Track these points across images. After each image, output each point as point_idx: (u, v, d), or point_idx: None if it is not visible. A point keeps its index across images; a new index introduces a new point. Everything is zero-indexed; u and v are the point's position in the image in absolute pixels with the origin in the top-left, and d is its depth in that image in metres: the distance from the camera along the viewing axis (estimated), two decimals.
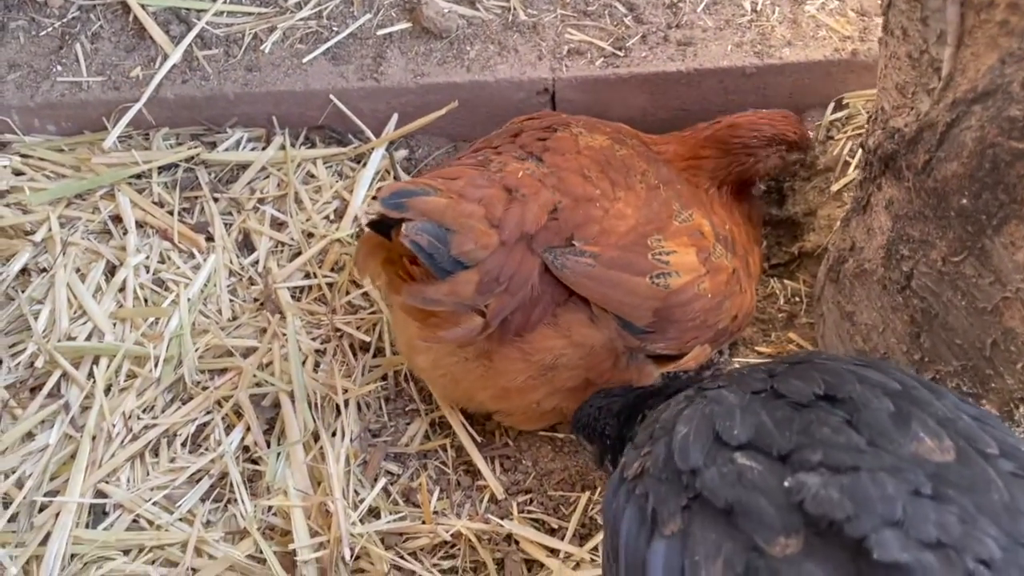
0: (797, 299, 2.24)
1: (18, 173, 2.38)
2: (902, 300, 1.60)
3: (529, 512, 1.86)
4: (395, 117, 2.36)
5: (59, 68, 2.40)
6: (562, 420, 1.88)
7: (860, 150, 1.81)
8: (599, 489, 1.88)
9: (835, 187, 2.30)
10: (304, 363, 2.02)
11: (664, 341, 1.80)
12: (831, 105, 2.35)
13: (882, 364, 1.15)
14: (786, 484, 0.94)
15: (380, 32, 2.39)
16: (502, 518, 1.83)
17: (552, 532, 1.82)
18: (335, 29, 2.41)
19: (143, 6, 2.47)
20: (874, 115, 1.56)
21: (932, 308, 1.51)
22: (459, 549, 1.80)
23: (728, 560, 0.91)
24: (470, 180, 1.63)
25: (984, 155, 1.22)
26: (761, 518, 0.92)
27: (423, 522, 1.81)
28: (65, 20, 2.49)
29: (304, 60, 2.35)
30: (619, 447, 1.49)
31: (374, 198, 1.53)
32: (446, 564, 1.79)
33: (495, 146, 1.86)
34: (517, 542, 1.80)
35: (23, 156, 2.40)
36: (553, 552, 1.78)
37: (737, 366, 2.11)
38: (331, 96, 2.32)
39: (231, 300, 2.15)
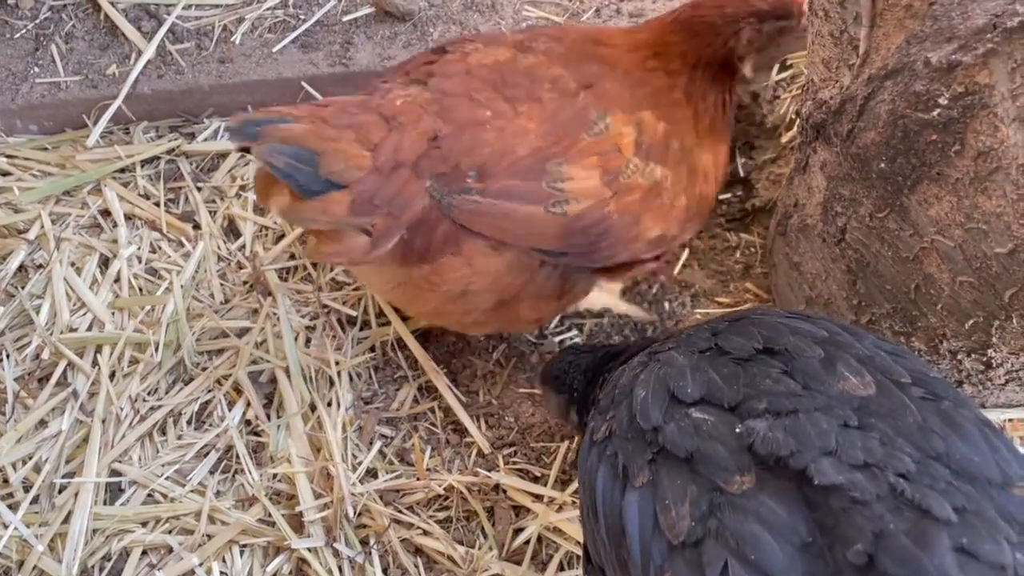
0: (752, 250, 2.40)
1: (5, 174, 2.47)
2: (839, 251, 1.76)
3: (514, 463, 2.02)
4: None
5: (36, 70, 2.48)
6: (507, 327, 1.97)
7: (796, 116, 1.96)
8: (576, 440, 2.05)
9: (784, 139, 2.46)
10: (296, 339, 2.16)
11: (585, 260, 1.80)
12: (775, 66, 2.49)
13: (812, 315, 1.32)
14: (737, 430, 1.10)
15: (346, 18, 2.49)
16: (489, 470, 2.00)
17: (536, 480, 2.00)
18: (302, 17, 2.51)
19: (113, 3, 2.54)
20: (806, 86, 1.71)
21: (864, 258, 1.68)
22: (452, 501, 1.97)
23: (694, 500, 1.06)
24: (341, 107, 1.63)
25: (896, 125, 1.37)
26: (718, 462, 1.07)
27: (417, 478, 1.98)
28: (38, 22, 2.56)
29: (274, 49, 2.45)
30: (584, 401, 1.65)
31: (226, 129, 1.59)
32: (441, 515, 1.96)
33: (384, 79, 1.83)
34: (504, 491, 1.97)
35: (8, 157, 2.49)
36: (538, 498, 1.95)
37: (698, 317, 2.28)
38: (303, 83, 2.42)
39: (222, 284, 2.28)
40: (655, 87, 1.85)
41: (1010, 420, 1.89)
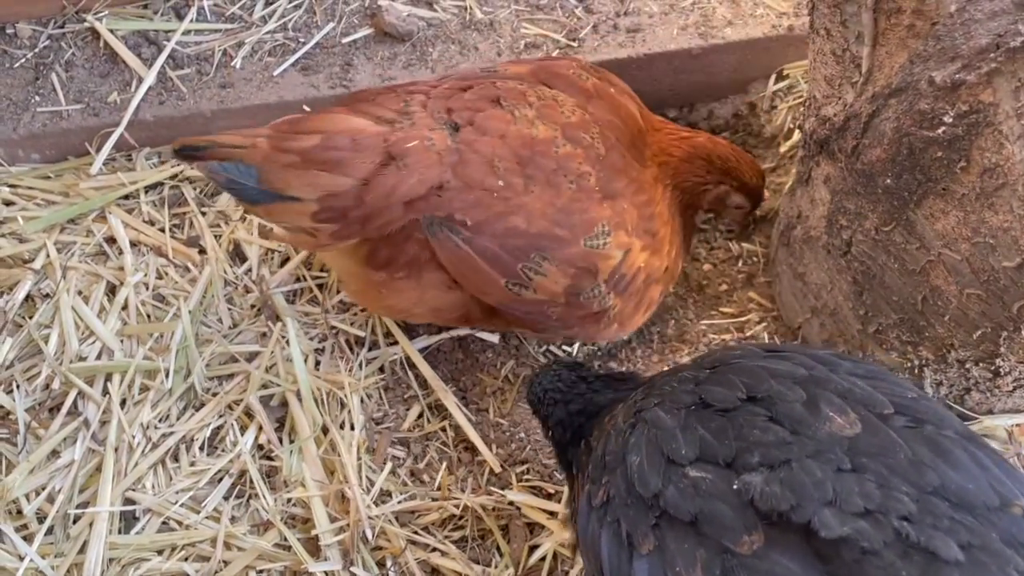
0: (754, 259, 2.43)
1: (8, 203, 2.48)
2: (845, 263, 1.79)
3: (527, 480, 2.04)
4: None
5: (37, 99, 2.49)
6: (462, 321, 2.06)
7: (799, 130, 1.98)
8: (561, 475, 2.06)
9: (783, 148, 2.49)
10: (306, 362, 2.17)
11: (514, 322, 1.97)
12: (772, 76, 2.52)
13: (787, 351, 1.33)
14: (735, 487, 1.10)
15: (345, 40, 2.51)
16: (503, 488, 2.01)
17: (549, 497, 2.01)
18: (301, 40, 2.52)
19: (112, 31, 2.55)
20: (808, 102, 1.73)
21: (871, 270, 1.70)
22: (466, 520, 1.98)
23: (705, 565, 1.06)
24: (345, 136, 1.72)
25: (901, 142, 1.40)
26: (724, 522, 1.07)
27: (432, 499, 1.99)
28: (37, 50, 2.57)
29: (275, 73, 2.46)
30: (564, 451, 1.65)
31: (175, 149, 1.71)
32: (456, 535, 1.97)
33: (429, 90, 1.88)
34: (519, 509, 1.98)
35: (11, 186, 2.49)
36: (552, 515, 1.96)
37: (703, 328, 2.29)
38: (304, 106, 2.44)
39: (229, 308, 2.29)
40: (654, 212, 1.95)
41: (1017, 425, 1.91)
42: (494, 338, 2.26)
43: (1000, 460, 1.12)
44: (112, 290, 2.33)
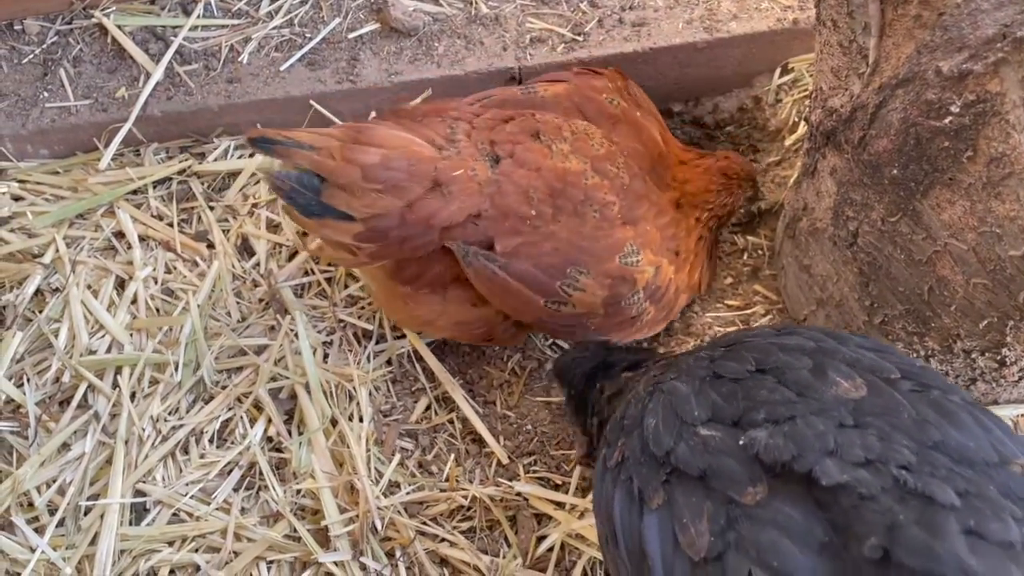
0: (759, 252, 2.43)
1: (17, 198, 2.49)
2: (851, 254, 1.79)
3: (534, 472, 2.05)
4: (372, 115, 2.50)
5: (46, 95, 2.50)
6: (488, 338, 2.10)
7: (804, 122, 1.99)
8: (575, 447, 2.08)
9: (788, 142, 2.49)
10: (314, 355, 2.18)
11: (546, 331, 2.11)
12: (777, 70, 2.53)
13: (798, 328, 1.37)
14: (741, 443, 1.13)
15: (351, 35, 2.52)
16: (510, 479, 2.02)
17: (556, 488, 2.02)
18: (308, 35, 2.53)
19: (119, 27, 2.56)
20: (814, 94, 1.74)
21: (877, 261, 1.71)
22: (475, 511, 2.00)
23: (711, 516, 1.09)
24: (399, 155, 1.75)
25: (908, 133, 1.40)
26: (731, 476, 1.11)
27: (441, 490, 2.00)
28: (45, 46, 2.58)
29: (282, 68, 2.47)
30: (583, 401, 1.74)
31: (250, 139, 1.73)
32: (464, 526, 1.99)
33: (473, 118, 1.95)
34: (526, 499, 2.00)
35: (20, 182, 2.51)
36: (559, 505, 1.98)
37: (708, 320, 2.30)
38: (311, 101, 2.45)
39: (238, 302, 2.30)
40: (677, 232, 2.08)
41: (1023, 415, 1.92)
42: None
43: (1004, 425, 1.15)
44: (121, 284, 2.34)
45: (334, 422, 2.08)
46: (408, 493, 2.00)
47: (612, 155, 1.98)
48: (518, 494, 2.00)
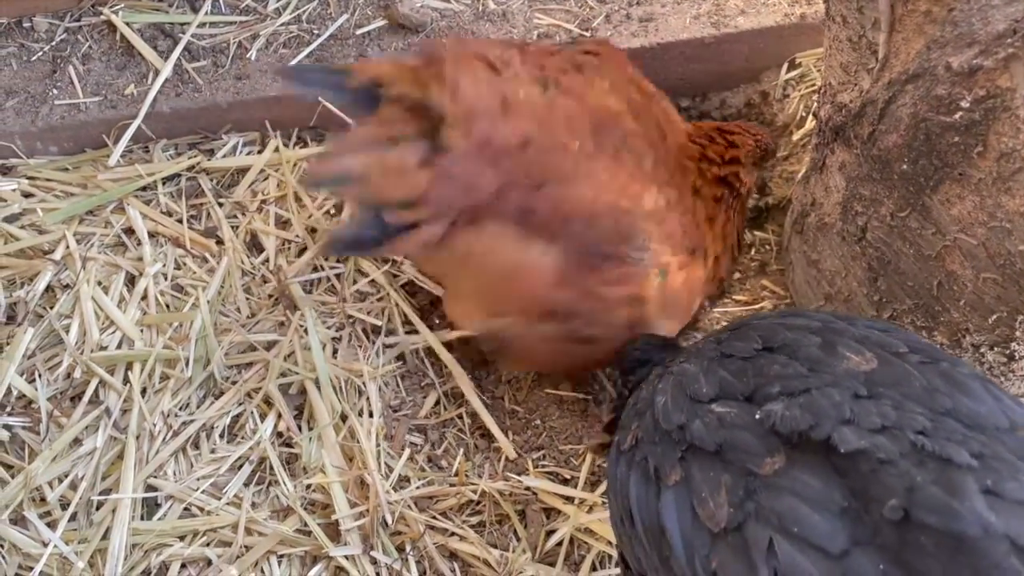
0: (767, 248, 2.44)
1: (27, 195, 2.50)
2: (859, 249, 1.80)
3: (543, 466, 2.06)
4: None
5: (55, 92, 2.51)
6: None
7: (813, 117, 1.99)
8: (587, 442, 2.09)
9: (795, 137, 2.49)
10: (323, 351, 2.19)
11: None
12: (785, 65, 2.53)
13: (803, 311, 1.38)
14: (757, 417, 1.15)
15: (359, 31, 2.53)
16: (519, 474, 2.03)
17: (565, 482, 2.03)
18: (315, 32, 2.54)
19: (128, 24, 2.57)
20: (823, 89, 1.74)
21: (885, 256, 1.71)
22: (484, 506, 2.01)
23: (730, 488, 1.11)
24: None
25: (918, 128, 1.41)
26: (748, 448, 1.12)
27: (450, 485, 2.01)
28: (54, 44, 2.59)
29: (290, 64, 2.48)
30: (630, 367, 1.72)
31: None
32: (474, 520, 2.00)
33: (525, 47, 1.91)
34: (535, 494, 2.01)
35: (30, 178, 2.52)
36: (568, 500, 1.99)
37: (716, 315, 2.31)
38: (319, 97, 2.45)
39: (247, 298, 2.31)
40: (698, 221, 2.02)
41: None
42: None
43: (1012, 395, 1.17)
44: (131, 280, 2.35)
45: (344, 417, 2.09)
46: (418, 488, 2.01)
47: (644, 110, 1.94)
48: (527, 488, 2.01)
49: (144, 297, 2.31)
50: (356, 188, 1.68)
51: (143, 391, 2.17)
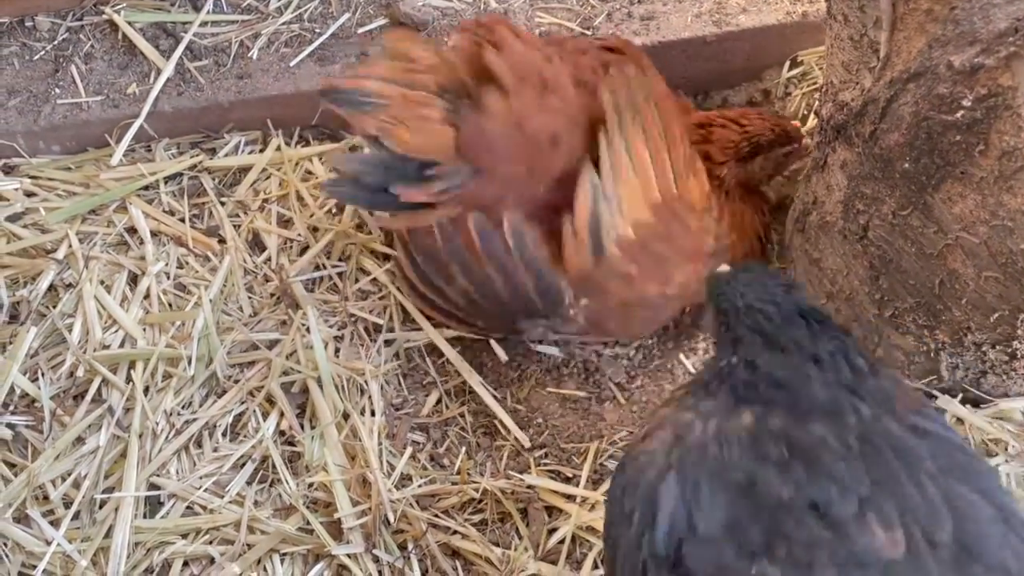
0: (769, 246, 2.44)
1: (30, 194, 2.50)
2: (861, 248, 1.80)
3: (545, 464, 2.06)
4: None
5: (57, 91, 2.51)
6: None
7: (814, 115, 1.99)
8: (606, 438, 2.10)
9: None
10: (325, 349, 2.19)
11: None
12: (787, 64, 2.53)
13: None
14: (753, 572, 1.03)
15: (361, 30, 2.53)
16: (521, 472, 2.04)
17: (567, 480, 2.03)
18: (317, 31, 2.55)
19: (130, 23, 2.58)
20: (825, 88, 1.74)
21: (887, 254, 1.71)
22: (486, 504, 2.01)
23: None
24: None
25: (920, 127, 1.41)
26: None
27: (452, 483, 2.02)
28: (56, 43, 2.60)
29: (292, 64, 2.49)
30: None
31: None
32: (476, 518, 2.00)
33: (562, 44, 2.00)
34: (537, 492, 2.01)
35: (32, 178, 2.52)
36: (570, 498, 1.99)
37: None
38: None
39: (250, 297, 2.31)
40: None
41: None
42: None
43: None
44: (134, 279, 2.35)
45: (346, 416, 2.10)
46: (420, 486, 2.02)
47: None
48: (529, 487, 2.02)
49: (146, 296, 2.31)
50: (372, 115, 1.69)
51: (146, 390, 2.17)
